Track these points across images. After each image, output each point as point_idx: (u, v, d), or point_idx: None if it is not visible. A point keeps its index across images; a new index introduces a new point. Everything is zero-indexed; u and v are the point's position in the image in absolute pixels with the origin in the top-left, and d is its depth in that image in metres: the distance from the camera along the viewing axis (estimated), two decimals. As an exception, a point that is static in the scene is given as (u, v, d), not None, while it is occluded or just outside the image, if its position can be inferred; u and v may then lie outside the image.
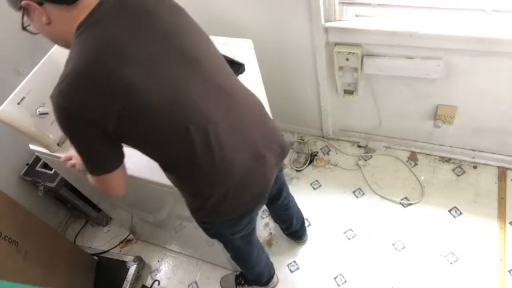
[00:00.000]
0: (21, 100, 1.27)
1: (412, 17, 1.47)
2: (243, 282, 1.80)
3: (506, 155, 1.87)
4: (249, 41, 1.54)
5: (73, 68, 0.86)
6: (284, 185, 1.50)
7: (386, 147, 2.11)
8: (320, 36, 1.61)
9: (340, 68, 1.71)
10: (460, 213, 1.83)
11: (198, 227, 1.23)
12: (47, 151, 1.40)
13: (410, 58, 1.56)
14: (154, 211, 1.66)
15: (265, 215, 2.02)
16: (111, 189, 1.03)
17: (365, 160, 2.10)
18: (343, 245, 1.86)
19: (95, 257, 2.02)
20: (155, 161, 1.04)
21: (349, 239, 1.87)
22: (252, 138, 1.08)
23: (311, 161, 2.16)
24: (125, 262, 1.95)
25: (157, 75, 0.91)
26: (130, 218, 1.92)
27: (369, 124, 2.05)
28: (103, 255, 2.05)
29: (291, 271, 1.86)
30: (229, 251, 1.46)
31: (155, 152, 1.01)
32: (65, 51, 0.93)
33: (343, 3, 1.51)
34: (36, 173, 1.91)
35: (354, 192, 2.01)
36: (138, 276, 1.95)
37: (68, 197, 1.96)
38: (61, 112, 0.88)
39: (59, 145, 1.41)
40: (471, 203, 1.85)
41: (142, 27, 0.92)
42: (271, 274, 1.75)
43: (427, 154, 2.04)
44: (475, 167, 1.95)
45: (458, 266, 1.70)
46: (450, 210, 1.85)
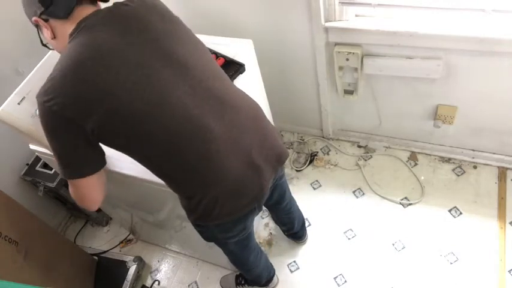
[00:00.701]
0: (21, 100, 1.27)
1: (412, 17, 1.47)
2: (243, 282, 1.80)
3: (506, 155, 1.87)
4: (249, 41, 1.54)
5: (59, 69, 0.90)
6: (286, 192, 1.47)
7: (386, 147, 2.11)
8: (320, 36, 1.61)
9: (340, 68, 1.71)
10: (460, 213, 1.83)
11: (197, 227, 1.23)
12: (47, 151, 1.39)
13: (410, 58, 1.56)
14: (154, 211, 1.66)
15: (265, 215, 2.02)
16: (85, 198, 1.02)
17: (365, 160, 2.10)
18: (343, 245, 1.86)
19: (95, 257, 2.02)
20: (140, 163, 1.03)
21: (349, 239, 1.87)
22: (244, 144, 1.05)
23: (311, 161, 2.17)
24: (125, 262, 1.95)
25: (143, 78, 0.92)
26: (130, 218, 1.92)
27: (369, 124, 2.05)
28: (103, 255, 2.05)
29: (291, 271, 1.86)
30: (226, 254, 1.46)
31: (138, 155, 1.01)
32: (65, 52, 0.94)
33: (343, 3, 1.51)
34: (36, 173, 1.91)
35: (354, 192, 2.01)
36: (138, 276, 1.95)
37: (68, 197, 1.96)
38: (43, 111, 0.90)
39: (59, 145, 1.40)
40: (471, 203, 1.85)
41: (132, 33, 0.94)
42: (270, 275, 1.75)
43: (427, 154, 2.04)
44: (475, 167, 1.95)
45: (458, 266, 1.70)
46: (450, 210, 1.85)
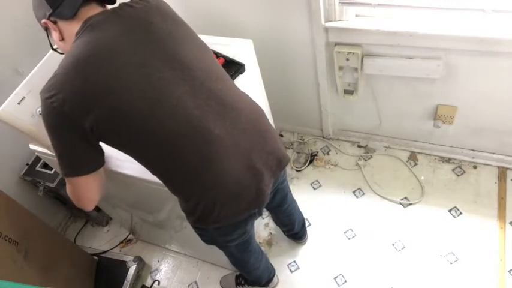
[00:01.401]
0: (21, 100, 1.27)
1: (412, 17, 1.47)
2: (243, 282, 1.80)
3: (506, 155, 1.87)
4: (249, 41, 1.54)
5: (63, 66, 0.91)
6: (287, 195, 1.47)
7: (387, 147, 2.11)
8: (320, 36, 1.61)
9: (340, 68, 1.71)
10: (460, 213, 1.83)
11: (197, 227, 1.23)
12: (47, 151, 1.39)
13: (410, 58, 1.56)
14: (154, 211, 1.66)
15: (265, 215, 2.02)
16: (81, 197, 1.04)
17: (365, 160, 2.10)
18: (343, 245, 1.86)
19: (95, 257, 2.02)
20: (139, 162, 1.03)
21: (349, 239, 1.87)
22: (244, 146, 1.04)
23: (311, 161, 2.17)
24: (125, 262, 1.95)
25: (144, 78, 0.93)
26: (130, 218, 1.92)
27: (369, 124, 2.05)
28: (103, 255, 2.04)
29: (291, 271, 1.86)
30: (226, 256, 1.45)
31: (136, 154, 1.01)
32: (65, 52, 0.95)
33: (343, 3, 1.51)
34: (36, 173, 1.91)
35: (354, 192, 2.01)
36: (138, 276, 1.95)
37: (68, 197, 1.95)
38: (45, 107, 0.91)
39: (59, 145, 1.40)
40: (471, 203, 1.85)
41: (135, 33, 0.95)
42: (270, 276, 1.75)
43: (427, 154, 2.04)
44: (475, 167, 1.95)
45: (458, 266, 1.70)
46: (450, 210, 1.85)
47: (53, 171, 1.86)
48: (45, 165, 1.91)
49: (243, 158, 1.03)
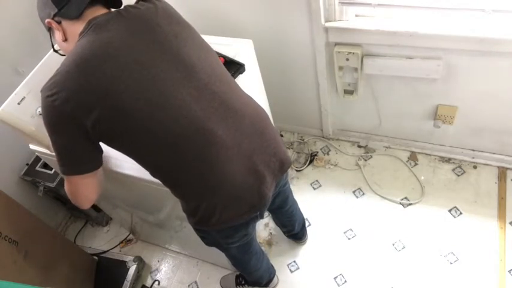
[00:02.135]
0: (21, 100, 1.27)
1: (412, 17, 1.47)
2: (243, 282, 1.80)
3: (506, 155, 1.87)
4: (249, 41, 1.54)
5: (65, 64, 0.91)
6: (289, 197, 1.47)
7: (386, 147, 2.11)
8: (320, 36, 1.61)
9: (340, 68, 1.71)
10: (460, 213, 1.83)
11: (197, 226, 1.23)
12: (47, 151, 1.39)
13: (410, 58, 1.56)
14: (154, 211, 1.66)
15: (266, 215, 2.02)
16: (78, 195, 1.05)
17: (365, 160, 2.10)
18: (343, 245, 1.86)
19: (95, 257, 2.02)
20: (140, 164, 1.03)
21: (349, 239, 1.87)
22: (247, 149, 1.03)
23: (311, 161, 2.17)
24: (125, 262, 1.95)
25: (147, 78, 0.93)
26: (130, 218, 1.92)
27: (369, 124, 2.05)
28: (103, 255, 2.05)
29: (291, 271, 1.86)
30: (227, 257, 1.45)
31: (137, 154, 1.01)
32: (65, 52, 0.95)
33: (343, 3, 1.51)
34: (36, 173, 1.91)
35: (354, 192, 2.01)
36: (138, 276, 1.95)
37: (68, 197, 1.95)
38: (46, 105, 0.91)
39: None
40: (471, 203, 1.85)
41: (140, 33, 0.95)
42: (271, 277, 1.75)
43: (427, 154, 2.04)
44: (475, 167, 1.95)
45: (458, 266, 1.70)
46: (450, 210, 1.85)
47: (53, 171, 1.86)
48: (45, 165, 1.90)
49: (246, 160, 1.03)
